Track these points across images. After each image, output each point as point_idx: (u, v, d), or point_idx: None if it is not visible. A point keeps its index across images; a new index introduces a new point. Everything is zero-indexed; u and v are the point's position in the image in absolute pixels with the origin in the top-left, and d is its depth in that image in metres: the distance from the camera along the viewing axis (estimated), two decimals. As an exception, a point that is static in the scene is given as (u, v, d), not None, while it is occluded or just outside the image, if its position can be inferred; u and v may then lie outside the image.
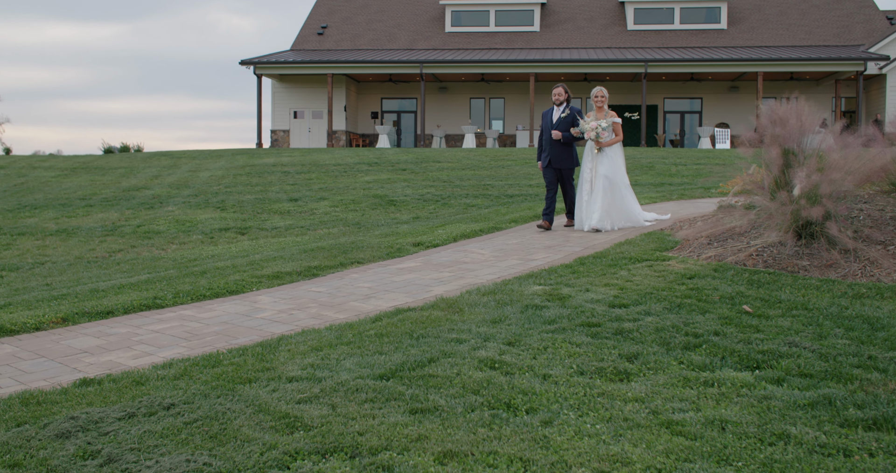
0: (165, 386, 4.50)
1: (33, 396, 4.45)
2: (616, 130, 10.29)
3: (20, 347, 5.81)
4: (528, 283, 6.89)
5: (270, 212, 15.43)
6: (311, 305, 6.78)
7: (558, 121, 10.60)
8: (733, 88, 36.01)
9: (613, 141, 10.26)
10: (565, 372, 4.45)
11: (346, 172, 21.10)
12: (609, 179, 10.09)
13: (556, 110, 10.71)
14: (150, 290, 7.66)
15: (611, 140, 10.22)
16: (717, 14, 36.83)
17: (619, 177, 10.24)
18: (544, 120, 10.85)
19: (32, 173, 24.37)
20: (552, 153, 10.67)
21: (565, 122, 10.54)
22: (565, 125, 10.53)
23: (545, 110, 10.86)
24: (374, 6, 40.29)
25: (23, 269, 11.14)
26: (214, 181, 20.40)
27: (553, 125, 10.63)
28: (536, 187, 17.62)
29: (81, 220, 15.27)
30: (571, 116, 10.51)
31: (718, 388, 4.14)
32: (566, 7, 39.13)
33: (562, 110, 10.65)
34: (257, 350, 5.19)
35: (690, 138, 36.58)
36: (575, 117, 10.48)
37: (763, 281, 6.45)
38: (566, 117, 10.54)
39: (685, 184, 17.02)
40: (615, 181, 10.13)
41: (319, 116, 36.61)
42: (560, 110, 10.67)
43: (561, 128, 10.54)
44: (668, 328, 5.21)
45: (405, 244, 9.68)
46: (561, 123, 10.57)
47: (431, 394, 4.17)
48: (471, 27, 37.99)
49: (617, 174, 10.20)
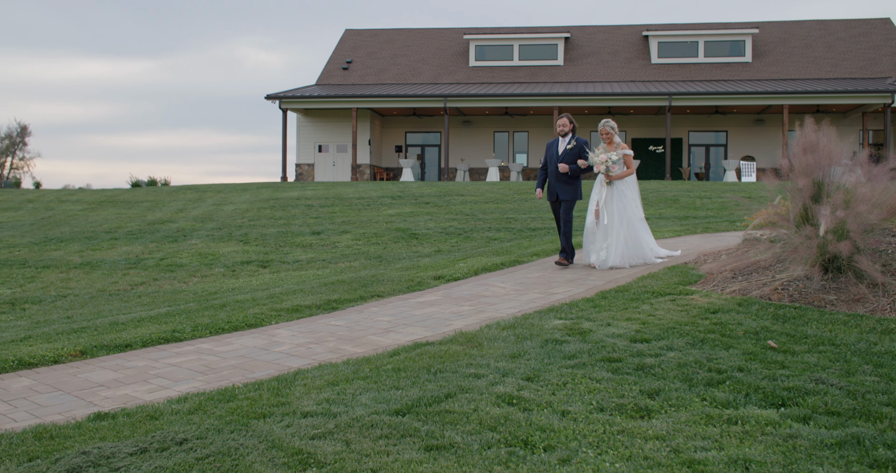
0: (179, 421, 4.45)
1: (47, 430, 4.42)
2: (627, 162, 9.90)
3: (38, 380, 5.80)
4: (548, 317, 6.80)
5: (293, 245, 15.45)
6: (329, 339, 6.72)
7: (564, 153, 10.12)
8: (759, 121, 35.84)
9: (624, 174, 9.87)
10: (585, 409, 4.35)
11: (369, 206, 21.15)
12: (619, 214, 9.71)
13: (562, 141, 10.22)
14: (170, 323, 7.66)
15: (621, 173, 9.85)
16: (742, 47, 36.81)
17: (632, 211, 9.82)
18: (548, 151, 10.37)
19: (60, 207, 24.66)
20: (557, 187, 10.18)
21: (571, 154, 10.07)
22: (571, 157, 10.06)
23: (549, 141, 10.39)
24: (399, 41, 40.71)
25: (45, 302, 11.19)
26: (238, 215, 20.52)
27: (559, 157, 10.16)
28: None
29: (106, 253, 15.37)
30: (578, 148, 10.05)
31: (742, 426, 4.02)
32: (590, 41, 39.30)
33: (567, 141, 10.16)
34: (273, 385, 5.13)
35: (716, 171, 36.39)
36: (582, 149, 10.04)
37: (789, 316, 6.32)
38: (572, 149, 10.07)
39: (710, 217, 16.86)
40: (626, 216, 9.74)
41: (344, 150, 36.84)
42: (566, 141, 10.18)
43: (567, 160, 10.07)
44: (690, 363, 5.10)
45: (426, 278, 9.63)
46: (567, 155, 10.09)
47: (447, 430, 4.09)
48: (495, 61, 38.23)
49: (628, 208, 9.78)
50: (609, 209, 9.73)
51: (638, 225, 9.84)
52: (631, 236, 9.72)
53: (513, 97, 32.90)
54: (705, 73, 36.28)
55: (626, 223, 9.70)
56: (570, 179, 10.11)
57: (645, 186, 24.99)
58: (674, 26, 38.81)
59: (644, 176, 35.77)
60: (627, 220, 9.72)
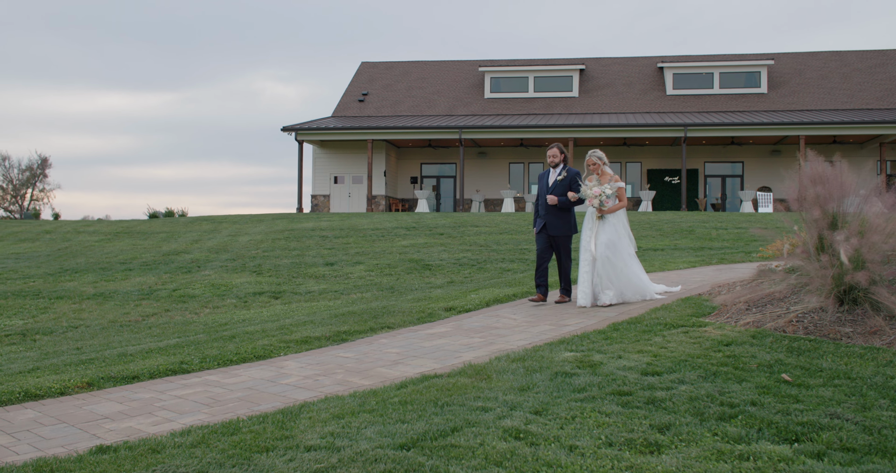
0: (181, 454, 4.39)
1: (48, 464, 4.36)
2: (620, 195, 9.49)
3: (43, 412, 5.76)
4: (559, 349, 6.71)
5: (306, 276, 15.43)
6: (337, 371, 6.66)
7: (554, 184, 9.81)
8: (775, 151, 35.74)
9: (617, 207, 9.47)
10: (593, 443, 4.26)
11: (383, 237, 21.14)
12: (611, 247, 9.31)
13: (553, 173, 9.92)
14: (178, 354, 7.61)
15: (614, 207, 9.45)
16: (758, 78, 36.83)
17: (623, 245, 9.42)
18: (540, 183, 10.06)
19: (77, 238, 24.80)
20: (547, 219, 9.84)
21: (562, 185, 9.74)
22: (562, 189, 9.73)
23: (541, 173, 10.10)
24: (415, 73, 41.01)
25: (56, 332, 11.19)
26: (253, 245, 20.56)
27: (549, 189, 9.85)
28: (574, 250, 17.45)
29: (119, 284, 15.40)
30: (569, 179, 9.71)
31: (754, 462, 3.91)
32: (605, 73, 39.45)
33: (558, 173, 9.85)
34: (278, 418, 5.07)
35: (732, 202, 36.24)
36: (574, 180, 9.68)
37: (803, 348, 6.20)
38: (563, 180, 9.74)
39: (725, 248, 16.73)
40: (618, 249, 9.34)
41: (359, 181, 36.99)
42: (556, 173, 9.88)
43: (557, 192, 9.75)
44: (702, 397, 4.99)
45: (437, 309, 9.56)
46: (557, 187, 9.77)
47: (452, 466, 4.00)
48: (510, 93, 38.42)
49: (620, 242, 9.39)
50: (604, 244, 9.34)
51: (631, 261, 9.49)
52: (625, 270, 9.35)
53: (528, 128, 32.99)
54: (721, 104, 36.28)
55: (621, 258, 9.35)
56: (561, 212, 9.82)
57: (660, 216, 24.89)
58: (689, 58, 38.91)
59: (660, 207, 35.67)
60: (622, 255, 9.37)
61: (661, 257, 15.25)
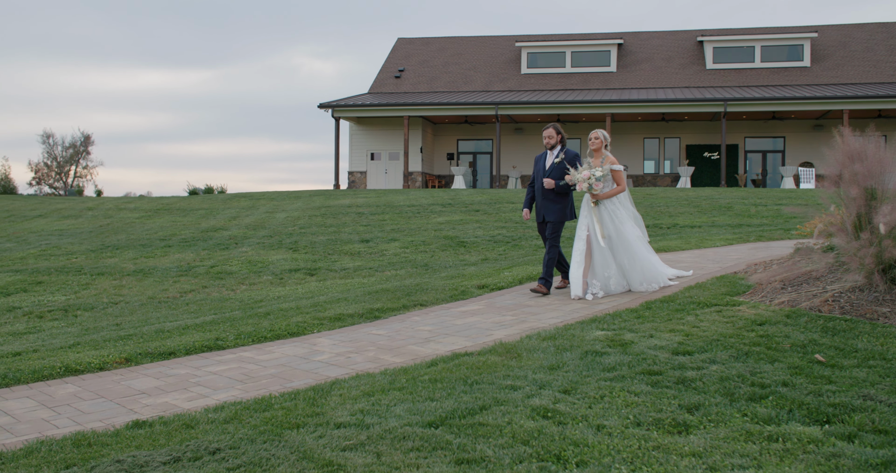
0: (214, 430, 4.47)
1: (85, 437, 4.47)
2: (617, 178, 8.71)
3: (83, 387, 5.89)
4: (590, 328, 6.70)
5: (341, 253, 15.53)
6: (369, 348, 6.71)
7: (551, 167, 9.06)
8: (818, 126, 35.07)
9: (613, 192, 8.69)
10: (621, 423, 4.25)
11: (418, 214, 21.18)
12: (616, 236, 8.65)
13: (549, 155, 9.17)
14: (214, 331, 7.73)
15: (609, 191, 8.69)
16: (800, 51, 36.08)
17: (626, 231, 8.70)
18: (536, 166, 9.36)
19: (118, 215, 25.19)
20: (544, 205, 9.14)
21: (559, 168, 8.99)
22: (559, 172, 8.96)
23: (538, 155, 9.44)
24: (451, 49, 40.81)
25: (97, 308, 11.41)
26: (290, 222, 20.72)
27: (545, 172, 9.13)
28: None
29: (159, 260, 15.63)
30: (567, 162, 8.92)
31: (783, 443, 3.88)
32: (643, 47, 38.92)
33: (555, 155, 9.10)
34: (309, 394, 5.13)
35: (773, 178, 35.70)
36: (573, 162, 8.87)
37: (839, 328, 6.11)
38: (560, 163, 8.98)
39: (764, 225, 16.51)
40: (623, 238, 8.67)
41: (396, 158, 37.03)
42: (553, 155, 9.13)
43: (554, 175, 9.00)
44: (733, 377, 4.96)
45: (470, 287, 9.58)
46: (554, 170, 9.02)
47: (479, 444, 4.03)
48: (547, 68, 38.09)
49: (622, 230, 8.68)
50: (598, 233, 8.64)
51: (639, 246, 8.79)
52: (634, 260, 8.68)
53: (565, 104, 32.71)
54: (762, 78, 35.63)
55: (625, 246, 8.67)
56: (558, 196, 9.07)
57: (698, 193, 24.60)
58: (729, 31, 38.22)
59: (698, 183, 35.26)
60: (626, 242, 8.68)
61: (698, 234, 15.10)
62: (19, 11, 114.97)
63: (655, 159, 36.85)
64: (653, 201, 22.37)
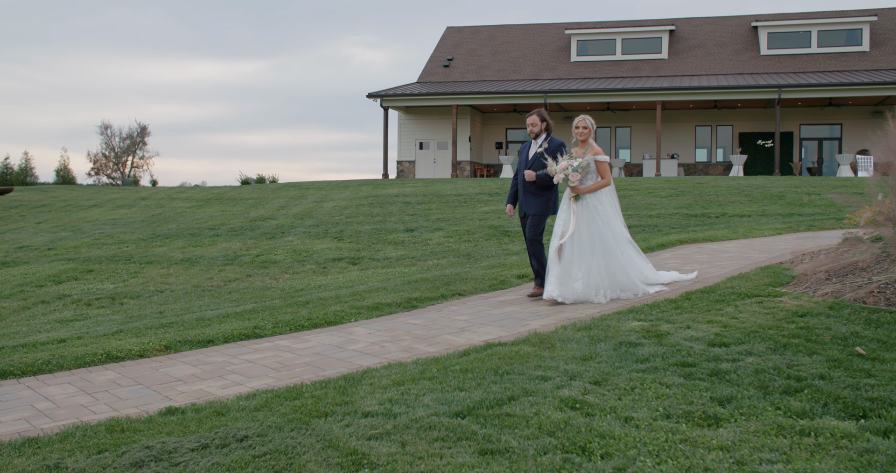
0: (244, 417, 4.52)
1: (119, 423, 4.55)
2: (601, 170, 8.04)
3: (122, 373, 6.00)
4: (627, 318, 6.62)
5: (385, 242, 15.60)
6: (404, 337, 6.73)
7: (534, 158, 8.36)
8: (877, 112, 34.14)
9: (596, 186, 8.00)
10: (650, 415, 4.19)
11: (465, 203, 21.16)
12: (591, 236, 7.89)
13: (534, 144, 8.48)
14: (252, 319, 7.82)
15: (592, 185, 8.00)
16: (859, 36, 35.13)
17: (608, 231, 7.98)
18: (520, 156, 8.67)
19: (170, 204, 25.63)
20: (525, 198, 8.46)
21: (541, 159, 8.27)
22: (541, 163, 8.23)
23: (522, 145, 8.34)
24: (500, 38, 40.60)
25: (143, 297, 11.63)
26: (337, 212, 20.86)
27: (527, 163, 8.43)
28: (657, 217, 17.13)
29: (206, 249, 15.87)
30: (551, 151, 8.17)
31: (815, 438, 3.78)
32: (695, 33, 38.27)
33: (539, 144, 8.38)
34: (340, 383, 5.16)
35: (830, 166, 34.88)
36: (558, 151, 8.15)
37: (882, 321, 5.94)
38: (543, 153, 8.24)
39: (816, 214, 16.15)
40: (600, 238, 7.92)
41: (444, 147, 37.02)
42: (537, 144, 8.41)
43: (536, 166, 8.31)
44: (768, 369, 4.85)
45: (509, 276, 9.54)
46: (536, 161, 8.31)
47: (505, 434, 4.01)
48: (596, 56, 37.69)
49: (605, 228, 7.96)
50: (578, 230, 7.91)
51: (617, 249, 8.02)
52: (609, 264, 7.92)
53: (614, 92, 32.34)
54: (818, 63, 34.78)
55: (601, 247, 7.90)
56: (540, 189, 8.37)
57: (750, 181, 24.15)
58: (785, 16, 37.38)
59: (751, 171, 34.61)
60: (602, 243, 7.91)
61: (747, 223, 14.83)
62: (78, 4, 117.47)
63: (707, 148, 36.26)
64: (703, 189, 22.02)
